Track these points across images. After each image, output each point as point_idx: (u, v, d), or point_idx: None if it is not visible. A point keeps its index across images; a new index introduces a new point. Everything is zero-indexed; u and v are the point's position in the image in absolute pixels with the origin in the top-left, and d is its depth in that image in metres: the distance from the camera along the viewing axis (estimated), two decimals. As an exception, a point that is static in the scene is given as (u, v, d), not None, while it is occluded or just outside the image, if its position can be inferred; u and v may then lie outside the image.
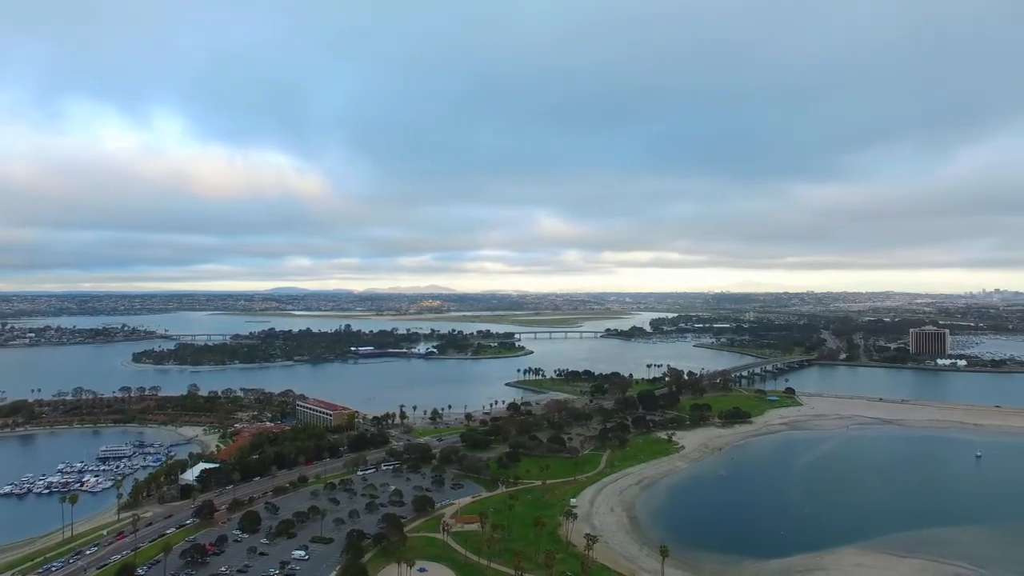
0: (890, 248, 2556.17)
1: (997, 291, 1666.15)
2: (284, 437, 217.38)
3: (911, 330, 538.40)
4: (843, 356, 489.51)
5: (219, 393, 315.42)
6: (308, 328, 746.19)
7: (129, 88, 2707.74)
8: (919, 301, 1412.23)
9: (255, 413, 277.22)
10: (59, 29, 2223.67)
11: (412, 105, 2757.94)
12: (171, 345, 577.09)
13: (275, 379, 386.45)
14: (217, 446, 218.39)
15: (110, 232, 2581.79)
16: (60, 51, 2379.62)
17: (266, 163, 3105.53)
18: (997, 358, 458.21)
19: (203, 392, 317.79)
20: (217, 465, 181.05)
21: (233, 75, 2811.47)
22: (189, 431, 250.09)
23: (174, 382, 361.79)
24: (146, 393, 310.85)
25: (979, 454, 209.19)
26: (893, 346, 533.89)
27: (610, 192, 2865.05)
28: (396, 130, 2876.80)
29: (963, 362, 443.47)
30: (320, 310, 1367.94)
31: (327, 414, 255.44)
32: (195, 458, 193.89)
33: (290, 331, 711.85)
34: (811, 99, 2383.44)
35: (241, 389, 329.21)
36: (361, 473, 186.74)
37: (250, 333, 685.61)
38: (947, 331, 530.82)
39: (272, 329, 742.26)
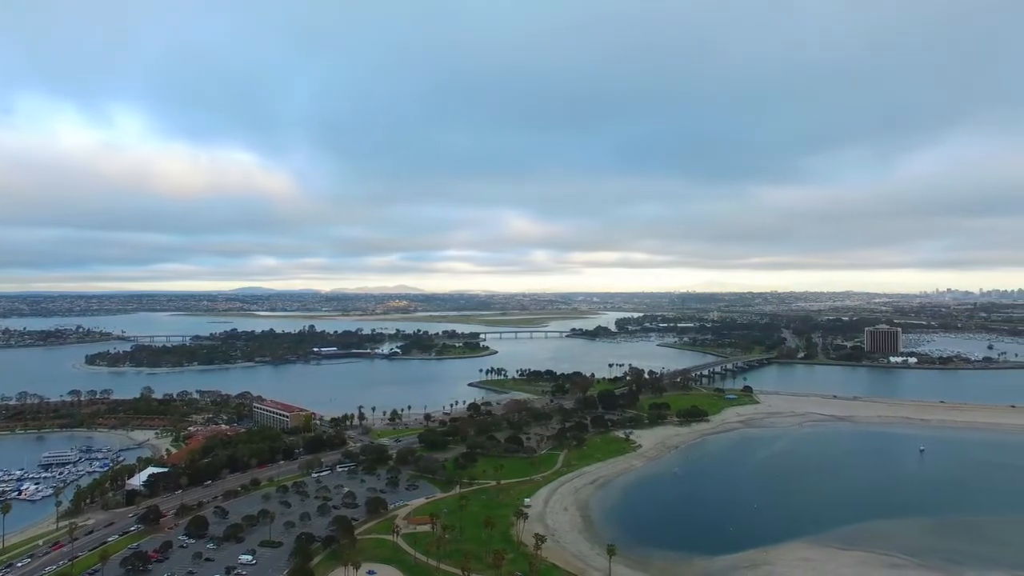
0: (849, 249, 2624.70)
1: (949, 291, 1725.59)
2: (239, 440, 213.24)
3: (866, 329, 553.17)
4: (801, 355, 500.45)
5: (174, 396, 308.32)
6: (271, 329, 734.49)
7: (86, 83, 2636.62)
8: (877, 300, 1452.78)
9: (210, 416, 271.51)
10: (9, 21, 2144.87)
11: (380, 103, 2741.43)
12: (127, 347, 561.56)
13: (234, 381, 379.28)
14: (167, 450, 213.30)
15: (66, 230, 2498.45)
16: (11, 43, 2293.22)
17: (231, 161, 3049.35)
18: (945, 355, 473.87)
19: (158, 395, 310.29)
20: (166, 469, 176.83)
21: (196, 72, 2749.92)
22: (140, 435, 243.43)
23: (129, 385, 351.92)
24: (97, 396, 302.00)
25: (923, 448, 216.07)
26: (849, 344, 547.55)
27: (577, 193, 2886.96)
28: (363, 129, 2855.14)
29: (914, 359, 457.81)
30: (285, 310, 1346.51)
31: (284, 416, 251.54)
32: (144, 463, 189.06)
33: (253, 332, 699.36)
34: (772, 103, 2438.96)
35: (197, 391, 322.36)
36: (315, 475, 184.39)
37: (211, 334, 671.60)
38: (899, 330, 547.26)
39: (234, 330, 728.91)
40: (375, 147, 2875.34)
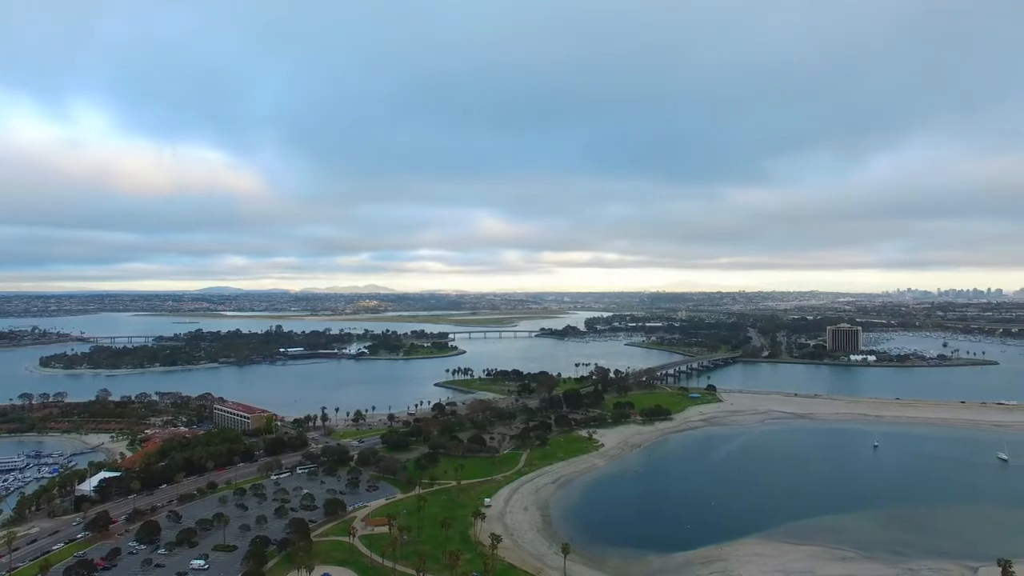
0: (814, 249, 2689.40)
1: (909, 290, 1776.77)
2: (197, 442, 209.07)
3: (828, 327, 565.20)
4: (766, 353, 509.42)
5: (132, 398, 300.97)
6: (238, 329, 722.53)
7: (45, 77, 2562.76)
8: (841, 300, 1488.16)
9: (170, 418, 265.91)
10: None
11: (349, 103, 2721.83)
12: (86, 348, 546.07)
13: (197, 382, 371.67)
14: (122, 453, 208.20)
15: (23, 228, 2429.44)
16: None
17: (197, 159, 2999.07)
18: (902, 354, 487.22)
19: (116, 397, 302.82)
20: (119, 473, 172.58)
21: (161, 67, 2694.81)
22: (95, 439, 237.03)
23: (85, 387, 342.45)
24: (50, 400, 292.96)
25: (876, 444, 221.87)
26: (812, 343, 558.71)
27: (548, 193, 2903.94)
28: (333, 128, 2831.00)
29: (872, 357, 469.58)
30: (253, 310, 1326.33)
31: (245, 417, 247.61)
32: (95, 467, 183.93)
33: (218, 332, 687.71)
34: (738, 106, 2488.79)
35: (157, 393, 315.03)
36: (275, 477, 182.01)
37: (175, 335, 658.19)
38: (860, 329, 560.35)
39: (199, 330, 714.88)
40: (345, 146, 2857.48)
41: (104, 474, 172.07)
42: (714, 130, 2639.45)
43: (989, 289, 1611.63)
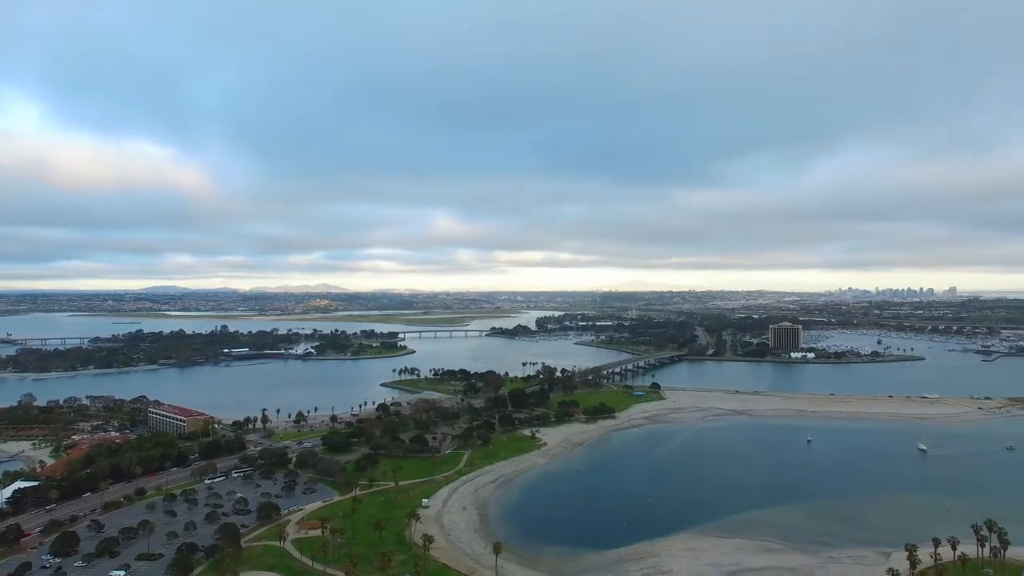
0: (762, 250, 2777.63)
1: (850, 289, 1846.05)
2: (128, 447, 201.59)
3: (771, 326, 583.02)
4: (711, 351, 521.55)
5: (60, 402, 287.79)
6: (181, 329, 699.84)
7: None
8: (787, 299, 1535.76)
9: (100, 423, 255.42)
10: None
11: (299, 99, 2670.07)
12: (12, 350, 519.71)
13: (134, 385, 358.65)
14: (41, 462, 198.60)
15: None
16: None
17: (140, 154, 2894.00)
18: (839, 351, 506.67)
19: (42, 402, 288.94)
20: (37, 483, 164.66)
21: (99, 59, 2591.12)
22: (14, 446, 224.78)
23: (8, 392, 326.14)
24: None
25: (810, 439, 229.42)
26: (756, 341, 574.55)
27: (501, 192, 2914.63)
28: (283, 125, 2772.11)
29: (812, 355, 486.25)
30: (199, 310, 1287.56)
31: (181, 420, 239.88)
32: (10, 477, 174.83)
33: (160, 333, 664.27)
34: (690, 109, 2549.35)
35: (88, 397, 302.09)
36: (209, 481, 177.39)
37: (113, 336, 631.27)
38: (800, 327, 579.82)
39: (140, 331, 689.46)
40: (296, 143, 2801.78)
41: (20, 484, 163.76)
42: (666, 133, 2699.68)
43: (922, 289, 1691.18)
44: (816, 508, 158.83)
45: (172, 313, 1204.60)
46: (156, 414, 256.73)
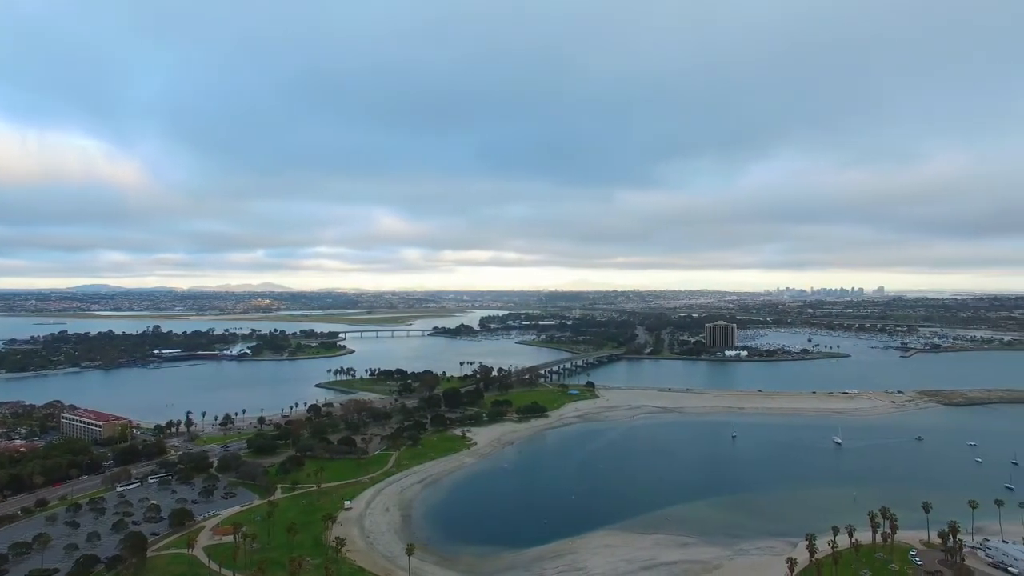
0: (703, 251, 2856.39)
1: (788, 289, 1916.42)
2: (34, 456, 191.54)
3: (706, 325, 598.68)
4: (648, 350, 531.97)
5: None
6: (110, 330, 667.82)
7: None
8: (727, 299, 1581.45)
9: (6, 430, 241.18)
10: None
11: (238, 95, 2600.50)
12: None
13: (51, 389, 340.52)
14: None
15: None
16: None
17: (69, 147, 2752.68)
18: (771, 349, 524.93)
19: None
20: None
21: (20, 47, 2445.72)
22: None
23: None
24: None
25: (735, 435, 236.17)
26: (693, 340, 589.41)
27: (444, 192, 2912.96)
28: (222, 120, 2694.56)
29: (745, 352, 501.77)
30: (132, 310, 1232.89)
31: (96, 426, 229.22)
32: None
33: (87, 334, 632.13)
34: (629, 112, 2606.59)
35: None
36: (120, 489, 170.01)
37: (32, 337, 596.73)
38: (735, 325, 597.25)
39: (64, 332, 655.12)
40: (235, 140, 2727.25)
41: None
42: (607, 135, 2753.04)
43: (853, 289, 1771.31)
44: (734, 502, 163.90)
45: (102, 313, 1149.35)
46: (70, 419, 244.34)
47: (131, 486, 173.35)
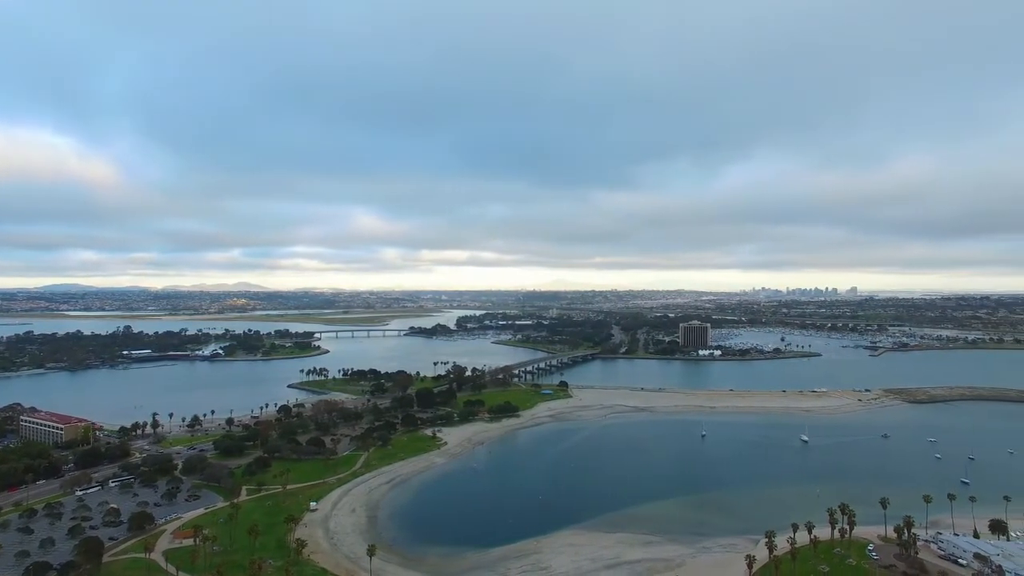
0: (681, 251, 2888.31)
1: (764, 289, 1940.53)
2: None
3: (681, 324, 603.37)
4: (623, 350, 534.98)
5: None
6: (78, 330, 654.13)
7: None
8: (704, 299, 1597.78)
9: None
10: None
11: (215, 93, 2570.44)
12: None
13: (13, 391, 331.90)
14: None
15: None
16: None
17: (38, 144, 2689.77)
18: (744, 348, 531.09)
19: None
20: None
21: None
22: None
23: None
24: None
25: (704, 433, 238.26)
26: (668, 339, 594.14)
27: (423, 191, 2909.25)
28: (197, 119, 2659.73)
29: (718, 352, 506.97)
30: (104, 310, 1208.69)
31: (58, 428, 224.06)
32: None
33: (54, 334, 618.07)
34: (606, 115, 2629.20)
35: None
36: (80, 493, 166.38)
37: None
38: (709, 325, 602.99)
39: (29, 332, 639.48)
40: (211, 138, 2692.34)
41: None
42: (585, 137, 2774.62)
43: (826, 289, 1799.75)
44: (700, 500, 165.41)
45: (71, 313, 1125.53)
46: (29, 422, 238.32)
47: (91, 490, 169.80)
